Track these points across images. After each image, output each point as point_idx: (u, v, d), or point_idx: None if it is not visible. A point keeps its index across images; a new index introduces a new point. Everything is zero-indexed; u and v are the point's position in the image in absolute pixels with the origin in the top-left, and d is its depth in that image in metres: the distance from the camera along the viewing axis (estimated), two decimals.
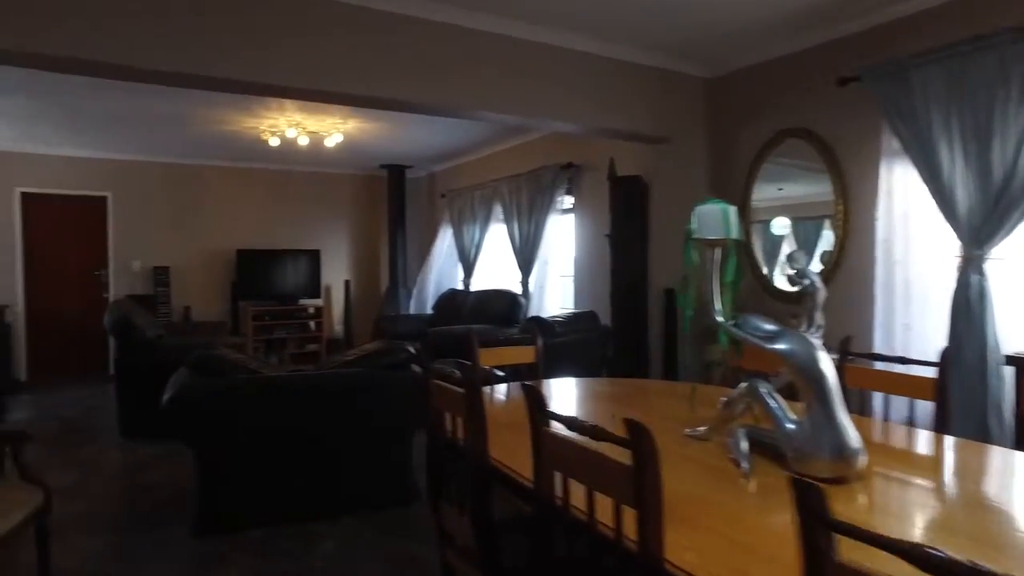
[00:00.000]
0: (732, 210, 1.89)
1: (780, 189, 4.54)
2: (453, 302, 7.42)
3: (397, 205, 8.84)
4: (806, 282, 1.72)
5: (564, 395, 2.73)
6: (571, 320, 4.34)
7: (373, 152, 7.76)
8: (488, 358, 2.94)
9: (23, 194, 7.42)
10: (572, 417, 1.36)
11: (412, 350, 3.65)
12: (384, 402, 3.49)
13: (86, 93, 5.24)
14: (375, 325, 8.49)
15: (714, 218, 1.86)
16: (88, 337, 7.66)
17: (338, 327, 8.96)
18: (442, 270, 8.40)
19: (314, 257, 8.64)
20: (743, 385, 1.77)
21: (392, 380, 3.48)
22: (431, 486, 2.12)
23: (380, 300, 9.01)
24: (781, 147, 4.33)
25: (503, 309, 6.41)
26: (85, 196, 7.69)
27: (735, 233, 1.87)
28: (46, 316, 7.61)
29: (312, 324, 8.48)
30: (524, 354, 2.98)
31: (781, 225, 4.41)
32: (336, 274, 8.97)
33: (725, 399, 1.83)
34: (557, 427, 1.40)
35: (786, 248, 4.43)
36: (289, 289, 8.46)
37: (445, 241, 8.38)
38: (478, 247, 7.67)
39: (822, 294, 1.71)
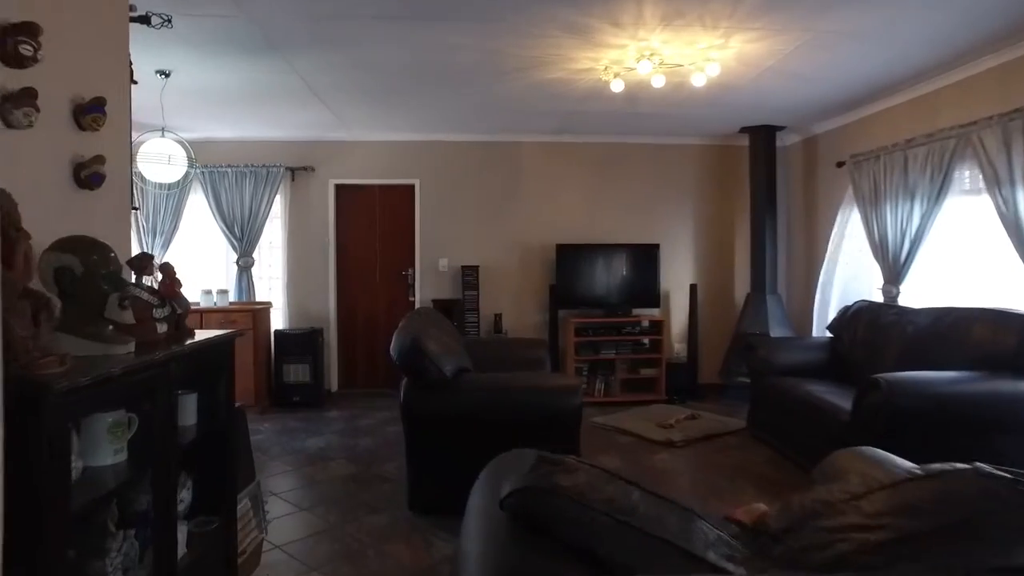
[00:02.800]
0: None
1: None
2: (872, 323, 4.73)
3: (764, 182, 6.38)
4: None
5: None
6: None
7: (738, 103, 5.43)
8: None
9: (336, 186, 6.67)
10: None
11: None
12: None
13: (391, 49, 3.87)
14: (735, 347, 6.16)
15: None
16: None
17: (678, 346, 6.82)
18: (843, 272, 5.71)
19: (651, 254, 6.61)
20: None
21: None
22: None
23: (735, 312, 6.65)
24: None
25: (1004, 346, 3.58)
26: (392, 185, 6.71)
27: None
28: (355, 321, 6.81)
29: (646, 342, 6.46)
30: None
31: None
32: (677, 276, 6.83)
33: None
34: None
35: None
36: (619, 295, 6.56)
37: (847, 229, 5.68)
38: (915, 238, 4.84)
39: None
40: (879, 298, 5.19)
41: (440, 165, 6.65)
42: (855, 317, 4.98)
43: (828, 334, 5.28)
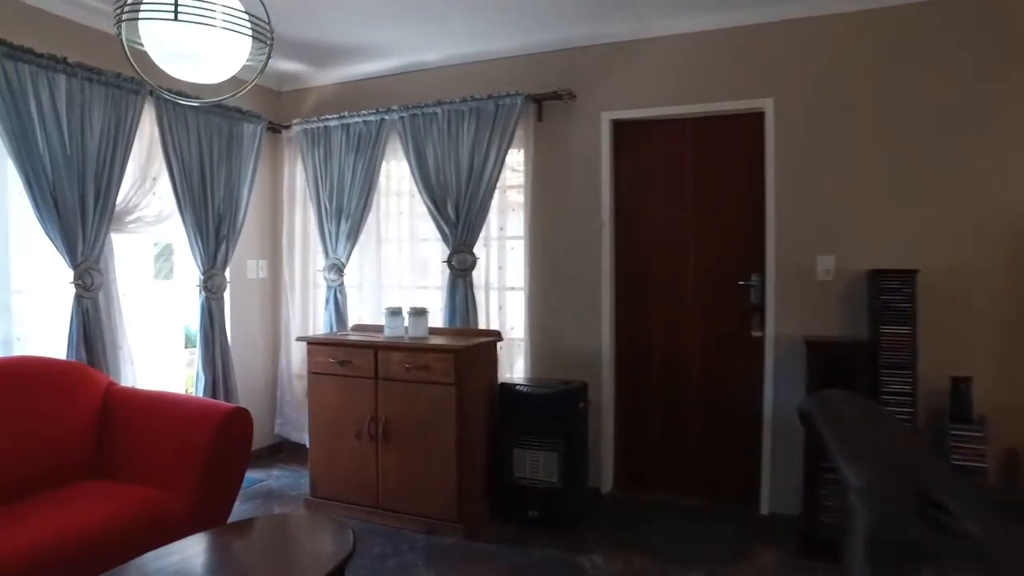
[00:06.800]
0: None
1: None
2: None
3: None
4: None
5: None
6: None
7: None
8: None
9: (615, 124, 3.72)
10: None
11: None
12: None
13: None
14: None
15: None
16: (729, 412, 3.53)
17: None
18: None
19: None
20: None
21: None
22: None
23: None
24: None
25: None
26: (718, 115, 3.49)
27: None
28: (647, 371, 3.75)
29: None
30: None
31: None
32: None
33: None
34: None
35: None
36: None
37: None
38: None
39: None
40: None
41: (818, 67, 3.26)
42: None
43: None
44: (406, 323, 3.55)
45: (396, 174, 4.16)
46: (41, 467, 2.62)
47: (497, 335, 3.65)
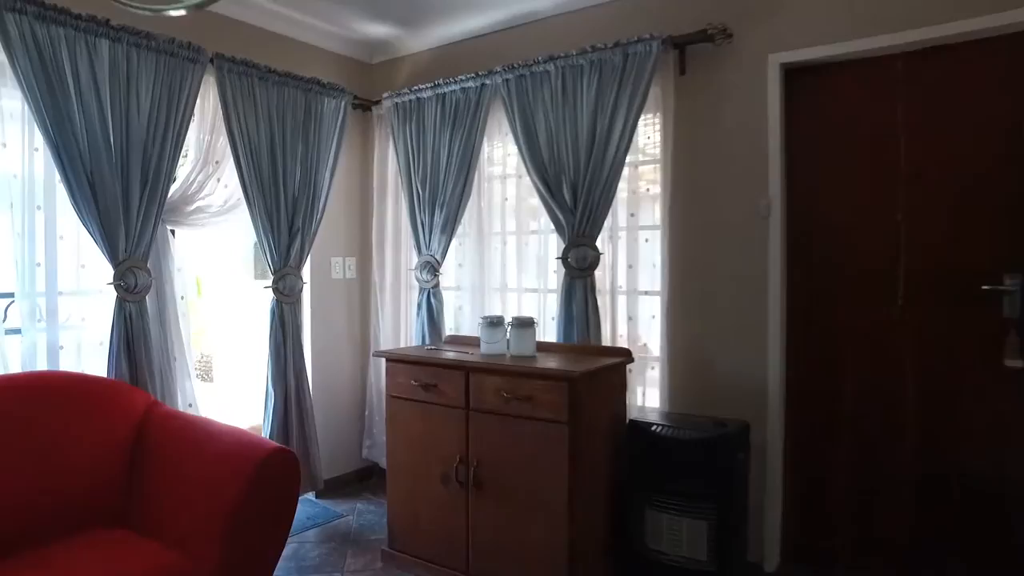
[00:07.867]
0: None
1: None
2: None
3: None
4: None
5: None
6: None
7: None
8: None
9: (787, 71, 2.74)
10: None
11: None
12: None
13: None
14: None
15: None
16: (965, 473, 2.46)
17: None
18: None
19: None
20: None
21: None
22: None
23: None
24: None
25: None
26: (952, 42, 2.34)
27: None
28: (830, 407, 2.74)
29: None
30: None
31: None
32: None
33: None
34: None
35: None
36: None
37: None
38: None
39: None
40: None
41: None
42: None
43: None
44: (506, 335, 2.78)
45: (500, 155, 3.41)
46: (55, 510, 2.12)
47: (626, 355, 2.79)
